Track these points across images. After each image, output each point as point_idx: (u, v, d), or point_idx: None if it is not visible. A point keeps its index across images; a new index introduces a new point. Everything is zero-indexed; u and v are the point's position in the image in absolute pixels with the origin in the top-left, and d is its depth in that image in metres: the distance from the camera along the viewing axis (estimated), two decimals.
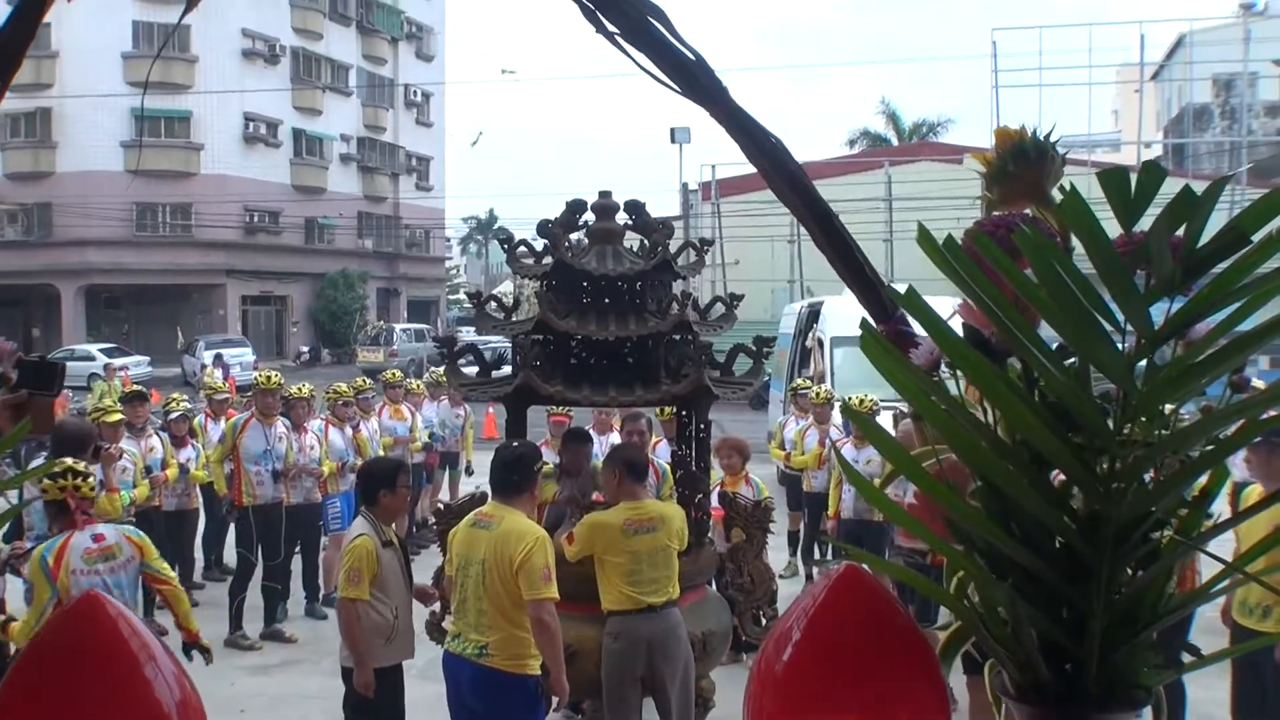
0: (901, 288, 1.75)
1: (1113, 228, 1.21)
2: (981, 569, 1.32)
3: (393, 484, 6.10)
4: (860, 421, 1.38)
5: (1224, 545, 1.68)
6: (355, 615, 5.83)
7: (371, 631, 5.90)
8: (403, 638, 6.04)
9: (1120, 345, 1.17)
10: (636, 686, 5.97)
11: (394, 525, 6.29)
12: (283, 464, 10.04)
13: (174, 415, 11.09)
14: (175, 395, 12.65)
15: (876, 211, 35.13)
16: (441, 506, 6.68)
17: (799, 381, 13.83)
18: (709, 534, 6.77)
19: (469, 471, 13.96)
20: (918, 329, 1.62)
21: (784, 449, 12.22)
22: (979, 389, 1.28)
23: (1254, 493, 6.31)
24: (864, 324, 1.38)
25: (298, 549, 10.72)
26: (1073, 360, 1.23)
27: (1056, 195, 1.38)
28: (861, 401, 10.53)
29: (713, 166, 40.12)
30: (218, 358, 27.75)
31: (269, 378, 10.40)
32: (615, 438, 9.90)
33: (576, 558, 5.94)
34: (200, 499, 11.25)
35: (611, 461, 6.20)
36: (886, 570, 1.77)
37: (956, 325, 1.34)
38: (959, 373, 1.32)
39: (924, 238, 1.19)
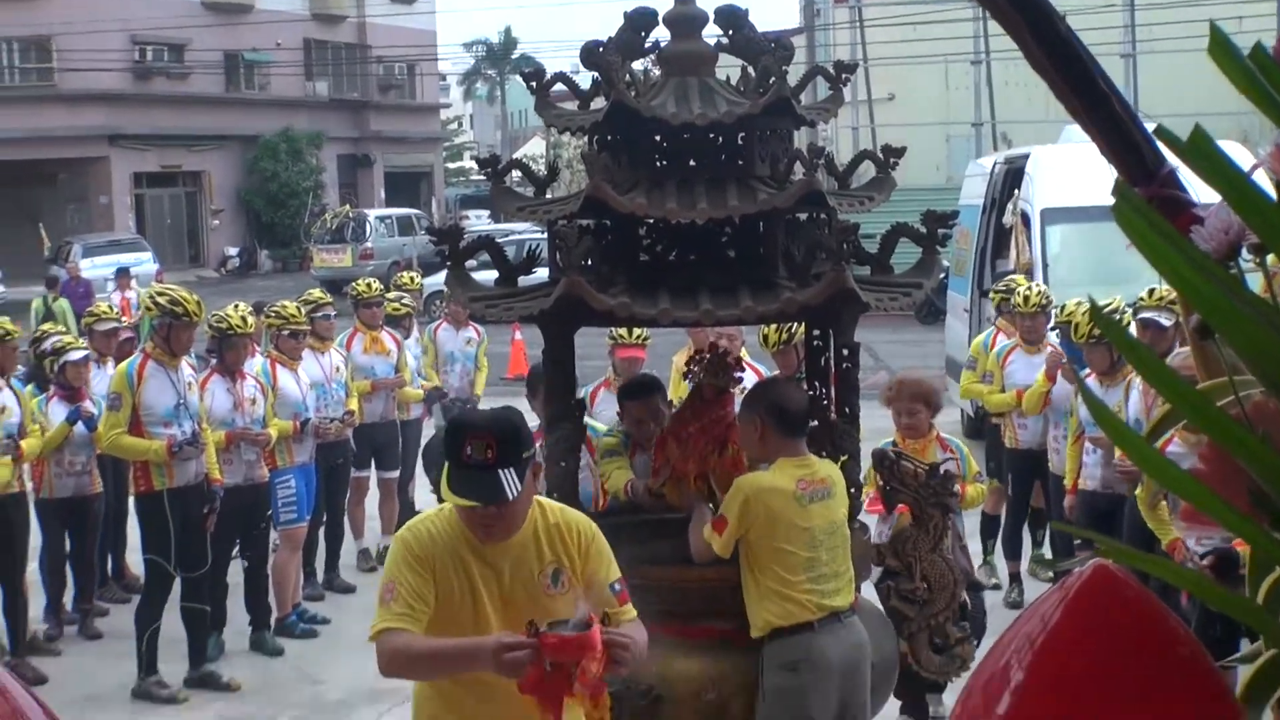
0: (1152, 127, 1.72)
1: None
2: None
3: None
4: (1116, 335, 1.34)
5: None
6: None
7: None
8: None
9: None
10: None
11: None
12: (195, 422, 9.95)
13: (72, 356, 11.05)
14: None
15: (1111, 10, 34.55)
16: None
17: (1015, 279, 13.57)
18: (860, 515, 6.80)
19: None
20: (1199, 194, 1.58)
21: (985, 382, 11.96)
22: None
23: None
24: (1119, 185, 1.34)
25: (236, 552, 10.91)
26: None
27: None
28: (1107, 309, 10.22)
29: None
30: (122, 271, 27.80)
31: (184, 296, 10.22)
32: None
33: (730, 548, 5.95)
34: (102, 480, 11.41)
35: (750, 407, 6.18)
36: (1156, 572, 1.73)
37: (1264, 184, 1.30)
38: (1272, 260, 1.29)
39: (1217, 45, 1.16)
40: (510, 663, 4.21)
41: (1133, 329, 9.39)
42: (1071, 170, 15.52)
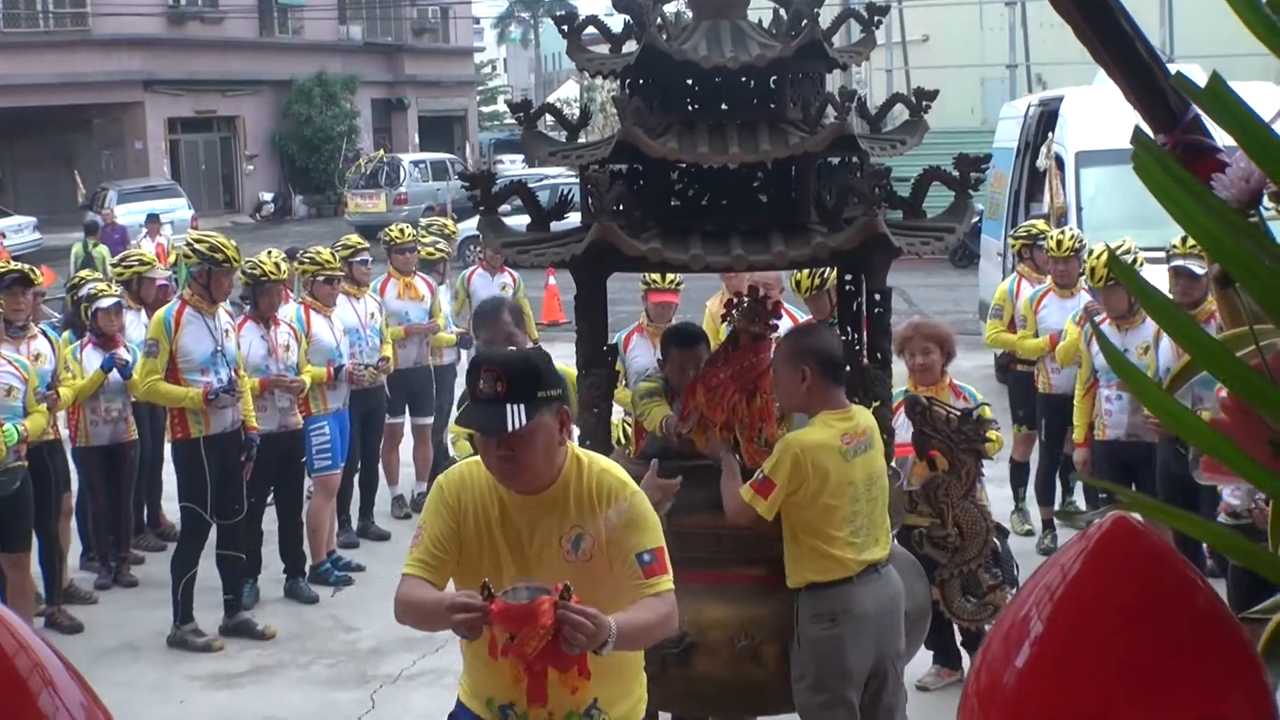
0: (1194, 73, 1.70)
1: None
2: None
3: None
4: (1131, 280, 1.32)
5: None
6: None
7: None
8: None
9: None
10: (860, 690, 6.08)
11: None
12: (232, 369, 9.94)
13: (103, 303, 11.04)
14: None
15: None
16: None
17: (1035, 224, 13.55)
18: (893, 462, 6.78)
19: None
20: (1222, 140, 1.57)
21: (1015, 329, 11.86)
22: None
23: None
24: (1137, 133, 1.33)
25: (270, 499, 10.97)
26: None
27: None
28: (1119, 250, 10.13)
29: None
30: (152, 218, 27.81)
31: (224, 243, 10.13)
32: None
33: (775, 510, 5.92)
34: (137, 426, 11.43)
35: (794, 355, 6.09)
36: (1177, 525, 1.72)
37: None
38: None
39: None
40: (461, 624, 4.16)
41: (1161, 275, 9.26)
42: (1106, 113, 15.33)
